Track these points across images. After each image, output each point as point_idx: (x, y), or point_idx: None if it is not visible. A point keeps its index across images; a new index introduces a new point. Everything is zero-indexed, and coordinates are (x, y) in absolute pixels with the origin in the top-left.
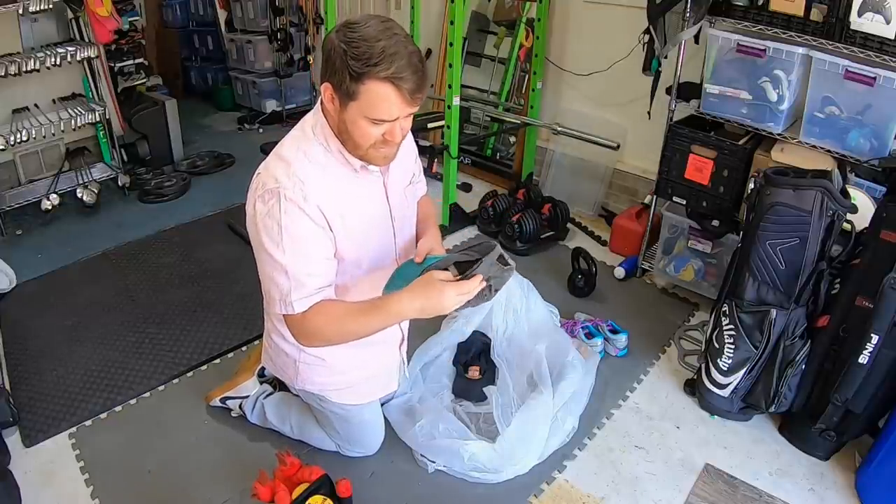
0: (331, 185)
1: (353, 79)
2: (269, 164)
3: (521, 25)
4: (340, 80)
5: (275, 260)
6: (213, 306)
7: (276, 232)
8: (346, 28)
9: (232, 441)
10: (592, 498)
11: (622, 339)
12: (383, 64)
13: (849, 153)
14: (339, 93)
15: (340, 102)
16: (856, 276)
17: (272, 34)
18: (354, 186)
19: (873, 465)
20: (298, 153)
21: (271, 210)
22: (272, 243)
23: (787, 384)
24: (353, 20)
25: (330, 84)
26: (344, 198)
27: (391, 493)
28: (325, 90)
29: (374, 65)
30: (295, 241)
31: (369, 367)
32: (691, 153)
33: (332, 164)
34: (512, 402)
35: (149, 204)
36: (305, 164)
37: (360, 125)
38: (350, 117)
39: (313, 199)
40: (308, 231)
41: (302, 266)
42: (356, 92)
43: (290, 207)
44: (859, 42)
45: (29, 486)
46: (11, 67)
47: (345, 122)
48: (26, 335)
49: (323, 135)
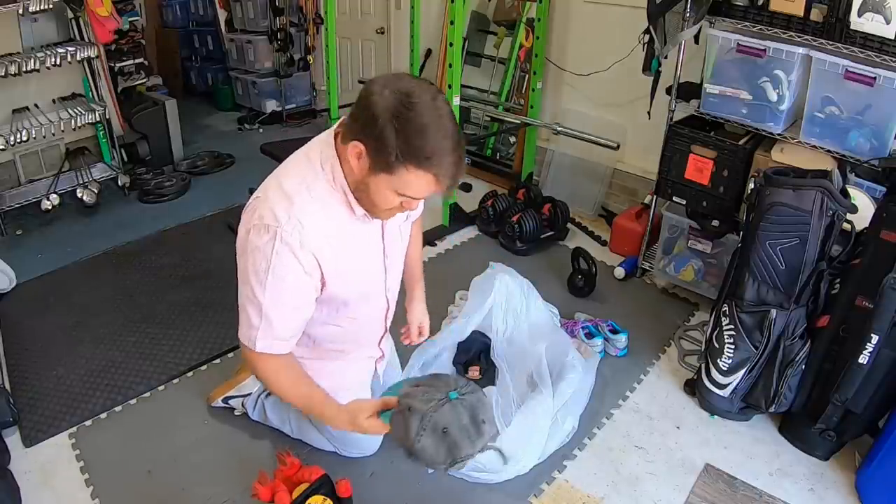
0: (329, 227)
1: (397, 159)
2: (269, 193)
3: (521, 25)
4: (381, 153)
5: (254, 294)
6: (213, 306)
7: (264, 270)
8: (400, 101)
9: (232, 441)
10: (592, 498)
11: (622, 340)
12: (433, 160)
13: (849, 153)
14: (375, 162)
15: (371, 168)
16: (856, 277)
17: (272, 34)
18: (352, 227)
19: (873, 465)
20: (302, 188)
21: (264, 247)
22: (256, 279)
23: (787, 384)
24: (405, 89)
25: (364, 147)
26: (340, 239)
27: (391, 493)
28: (355, 149)
29: (424, 158)
30: (278, 287)
31: (346, 376)
32: (691, 153)
33: (334, 204)
34: (512, 403)
35: (149, 204)
36: (307, 202)
37: (384, 193)
38: (377, 184)
39: (309, 245)
40: (294, 279)
41: (277, 312)
42: (395, 170)
43: (284, 251)
44: (859, 42)
45: (29, 486)
46: (11, 67)
47: (367, 184)
48: (26, 335)
49: (331, 172)
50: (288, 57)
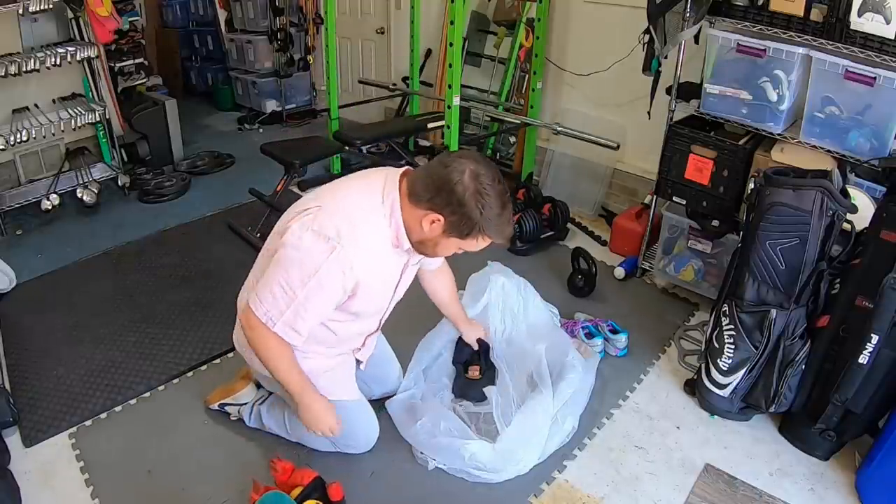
0: (375, 256)
1: (473, 231)
2: (332, 207)
3: (521, 25)
4: (463, 227)
5: (291, 286)
6: (214, 306)
7: (310, 273)
8: (478, 188)
9: (231, 441)
10: (592, 498)
11: (622, 339)
12: (498, 231)
13: (849, 153)
14: (452, 230)
15: (444, 233)
16: (856, 277)
17: (272, 34)
18: (387, 260)
19: (873, 465)
20: (365, 217)
21: (318, 255)
22: (300, 275)
23: (787, 384)
24: (482, 175)
25: (444, 219)
26: (378, 266)
27: (391, 493)
28: (430, 218)
29: (492, 230)
30: (316, 292)
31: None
32: (691, 153)
33: (384, 237)
34: (512, 403)
35: (149, 204)
36: (367, 233)
37: (450, 249)
38: (446, 243)
39: (356, 270)
40: (332, 292)
41: (306, 312)
42: (469, 237)
43: (335, 267)
44: (859, 42)
45: (29, 485)
46: (11, 67)
47: (436, 243)
48: (26, 335)
49: (390, 209)
50: (288, 57)
